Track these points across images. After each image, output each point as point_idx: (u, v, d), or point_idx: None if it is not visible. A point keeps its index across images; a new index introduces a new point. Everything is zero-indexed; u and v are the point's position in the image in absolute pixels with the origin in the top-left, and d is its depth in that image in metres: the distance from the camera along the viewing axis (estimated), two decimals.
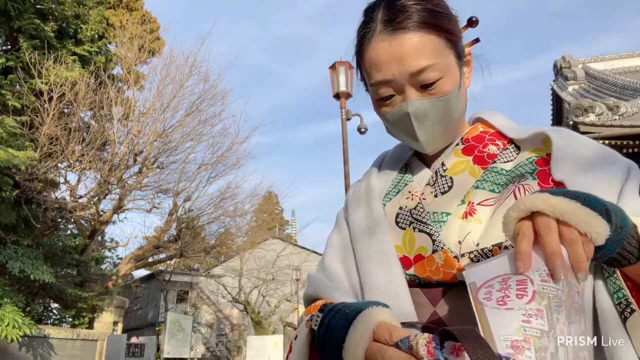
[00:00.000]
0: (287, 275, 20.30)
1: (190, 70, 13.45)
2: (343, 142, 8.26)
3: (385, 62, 0.77)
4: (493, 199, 0.75)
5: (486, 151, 0.82)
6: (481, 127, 0.87)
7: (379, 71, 0.78)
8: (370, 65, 0.80)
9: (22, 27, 10.72)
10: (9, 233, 9.86)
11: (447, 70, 0.78)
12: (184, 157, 13.83)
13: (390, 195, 0.88)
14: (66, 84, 10.48)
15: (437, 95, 0.77)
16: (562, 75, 14.38)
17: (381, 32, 0.78)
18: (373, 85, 0.81)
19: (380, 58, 0.78)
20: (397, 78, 0.77)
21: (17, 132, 9.07)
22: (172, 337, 14.06)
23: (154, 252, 14.35)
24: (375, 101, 0.84)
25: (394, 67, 0.77)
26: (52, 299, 12.66)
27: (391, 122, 0.83)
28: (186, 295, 22.67)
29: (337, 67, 8.29)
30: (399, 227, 0.82)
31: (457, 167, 0.82)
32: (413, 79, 0.77)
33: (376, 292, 0.77)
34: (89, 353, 10.36)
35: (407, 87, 0.77)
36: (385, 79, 0.78)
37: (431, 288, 0.76)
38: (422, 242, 0.77)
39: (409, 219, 0.81)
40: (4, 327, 7.63)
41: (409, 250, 0.78)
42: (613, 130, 9.04)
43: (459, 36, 0.82)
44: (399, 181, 0.90)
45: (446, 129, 0.82)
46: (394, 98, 0.80)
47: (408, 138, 0.83)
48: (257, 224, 25.03)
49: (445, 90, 0.77)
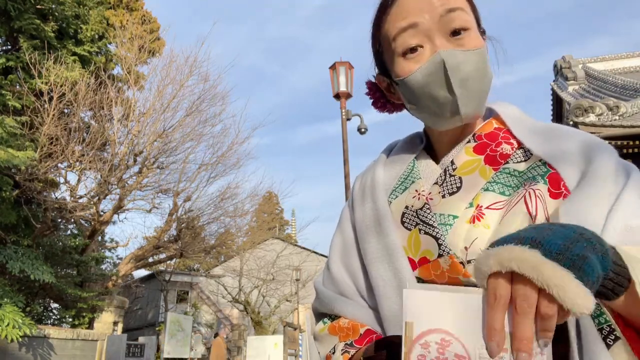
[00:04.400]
0: (287, 276, 20.29)
1: (190, 71, 13.47)
2: (343, 142, 8.27)
3: (414, 6, 0.74)
4: (502, 202, 0.71)
5: (499, 150, 0.77)
6: (495, 122, 0.81)
7: (406, 17, 0.74)
8: (396, 15, 0.75)
9: (22, 27, 10.73)
10: (9, 233, 9.86)
11: (474, 26, 0.75)
12: (184, 157, 13.85)
13: (397, 192, 0.84)
14: (66, 84, 10.48)
15: (468, 47, 0.72)
16: (562, 75, 14.40)
17: None
18: (397, 36, 0.75)
19: (407, 4, 0.74)
20: (426, 21, 0.72)
21: (17, 132, 9.08)
22: (172, 337, 14.05)
23: (154, 252, 14.34)
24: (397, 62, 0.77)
25: (423, 9, 0.73)
26: (52, 299, 12.66)
27: (420, 83, 0.74)
28: (186, 295, 22.68)
29: (337, 67, 8.29)
30: (405, 227, 0.79)
31: (468, 167, 0.78)
32: (443, 23, 0.72)
33: (390, 293, 0.76)
34: (89, 353, 10.36)
35: (437, 34, 0.73)
36: (413, 22, 0.73)
37: None
38: (428, 245, 0.74)
39: (415, 219, 0.78)
40: (4, 327, 7.62)
41: (414, 252, 0.76)
42: (613, 131, 9.05)
43: (478, 11, 0.80)
44: (406, 177, 0.86)
45: (479, 89, 0.74)
46: (422, 51, 0.74)
47: (441, 98, 0.74)
48: (257, 224, 25.05)
49: (475, 45, 0.73)
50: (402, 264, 0.76)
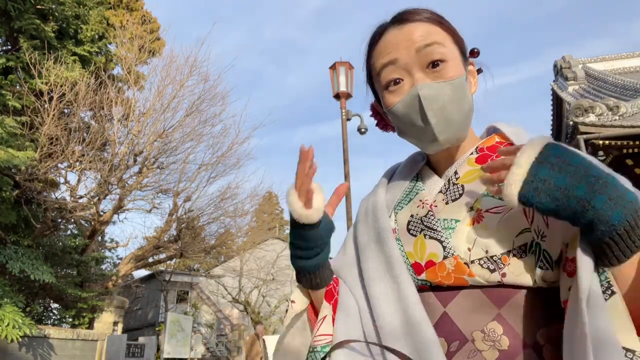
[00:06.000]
0: (287, 276, 20.30)
1: (190, 71, 13.46)
2: (343, 142, 8.26)
3: (394, 44, 0.81)
4: (501, 207, 0.75)
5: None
6: (497, 137, 0.88)
7: (388, 53, 0.82)
8: (379, 52, 0.84)
9: (22, 27, 10.72)
10: (9, 233, 9.86)
11: (452, 57, 0.81)
12: (184, 158, 13.84)
13: (402, 204, 0.89)
14: (66, 84, 10.47)
15: (444, 79, 0.79)
16: (562, 75, 14.40)
17: (391, 27, 0.84)
18: (380, 71, 0.83)
19: (389, 42, 0.82)
20: (405, 56, 0.80)
21: (17, 132, 9.08)
22: (172, 337, 14.06)
23: (154, 252, 14.34)
24: (383, 95, 0.85)
25: (402, 46, 0.80)
26: (52, 299, 12.65)
27: (402, 113, 0.82)
28: (186, 296, 22.68)
29: (337, 67, 8.28)
30: (410, 234, 0.83)
31: (470, 176, 0.83)
32: (420, 57, 0.79)
33: (385, 307, 0.79)
34: (89, 353, 10.36)
35: (415, 69, 0.80)
36: (393, 58, 0.81)
37: (442, 291, 0.78)
38: (433, 249, 0.78)
39: (420, 226, 0.82)
40: (4, 327, 7.62)
41: (420, 256, 0.80)
42: (613, 131, 9.03)
43: (462, 40, 0.86)
44: (410, 190, 0.91)
45: (456, 117, 0.80)
46: (402, 84, 0.81)
47: (420, 127, 0.81)
48: (257, 224, 25.05)
49: (452, 75, 0.79)
50: (402, 274, 0.80)
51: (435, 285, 0.78)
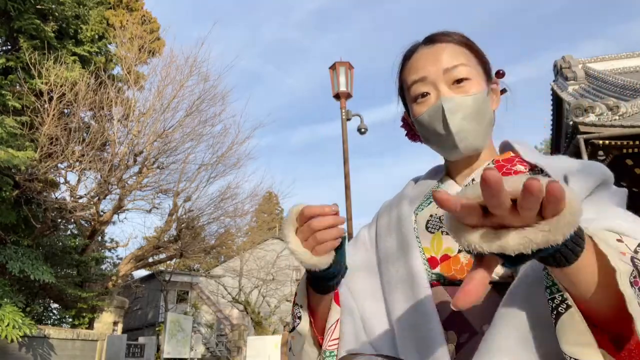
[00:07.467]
0: (287, 276, 20.32)
1: (190, 71, 13.47)
2: (343, 142, 8.26)
3: (423, 63, 0.91)
4: None
5: (514, 169, 0.91)
6: (512, 153, 0.96)
7: (417, 71, 0.92)
8: (410, 69, 0.94)
9: (22, 27, 10.73)
10: (9, 233, 9.86)
11: (476, 76, 0.90)
12: (184, 158, 13.85)
13: (422, 206, 0.95)
14: (66, 84, 10.48)
15: (467, 94, 0.88)
16: (562, 75, 14.39)
17: (423, 46, 0.94)
18: (411, 85, 0.92)
19: (419, 60, 0.92)
20: (433, 74, 0.89)
21: (17, 132, 9.08)
22: (172, 337, 14.07)
23: (154, 252, 14.34)
24: (412, 106, 0.93)
25: (430, 65, 0.90)
26: (52, 299, 12.66)
27: (427, 122, 0.90)
28: (186, 296, 22.70)
29: (337, 67, 8.28)
30: (429, 231, 0.89)
31: None
32: (446, 75, 0.88)
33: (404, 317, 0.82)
34: (89, 353, 10.37)
35: (441, 84, 0.89)
36: (422, 75, 0.90)
37: (454, 286, 0.82)
38: (449, 244, 0.85)
39: (438, 224, 0.89)
40: (4, 327, 7.63)
41: (436, 251, 0.86)
42: (613, 131, 9.02)
43: (488, 62, 0.95)
44: (430, 194, 0.95)
45: (476, 127, 0.89)
46: (429, 97, 0.90)
47: (442, 135, 0.89)
48: (257, 224, 25.05)
49: (474, 91, 0.88)
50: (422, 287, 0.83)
51: (448, 281, 0.83)
